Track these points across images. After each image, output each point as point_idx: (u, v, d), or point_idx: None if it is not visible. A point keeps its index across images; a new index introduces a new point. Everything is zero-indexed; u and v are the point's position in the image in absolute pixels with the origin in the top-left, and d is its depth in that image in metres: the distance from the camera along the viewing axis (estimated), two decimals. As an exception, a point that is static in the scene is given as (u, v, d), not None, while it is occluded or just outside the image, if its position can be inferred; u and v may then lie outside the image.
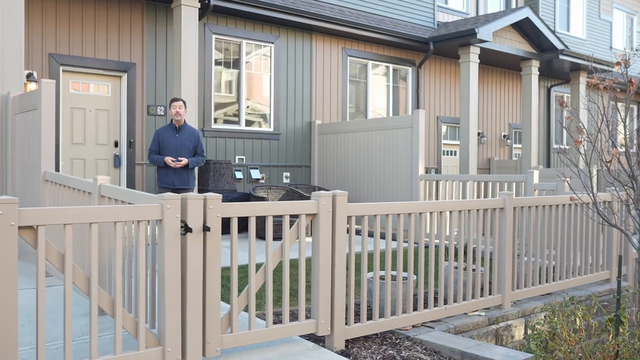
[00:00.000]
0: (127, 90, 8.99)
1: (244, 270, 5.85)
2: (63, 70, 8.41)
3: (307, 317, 4.10)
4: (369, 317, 4.46)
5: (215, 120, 10.22)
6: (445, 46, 12.65)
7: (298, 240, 3.91)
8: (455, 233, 4.93)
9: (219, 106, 10.32)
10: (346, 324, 4.15)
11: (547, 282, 5.76)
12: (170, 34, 9.37)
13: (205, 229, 3.40)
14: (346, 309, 4.23)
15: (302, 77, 11.29)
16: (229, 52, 10.44)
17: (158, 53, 9.34)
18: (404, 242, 7.44)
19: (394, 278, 4.60)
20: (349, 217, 4.12)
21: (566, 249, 5.94)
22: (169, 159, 6.85)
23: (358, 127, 10.63)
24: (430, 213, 4.66)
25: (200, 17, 9.42)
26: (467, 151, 12.29)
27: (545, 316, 4.98)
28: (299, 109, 11.27)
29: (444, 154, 14.14)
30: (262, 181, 10.68)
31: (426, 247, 5.07)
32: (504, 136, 15.70)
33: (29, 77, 8.01)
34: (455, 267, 5.09)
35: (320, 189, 10.50)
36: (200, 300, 3.39)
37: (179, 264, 3.31)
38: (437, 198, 9.38)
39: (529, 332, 5.14)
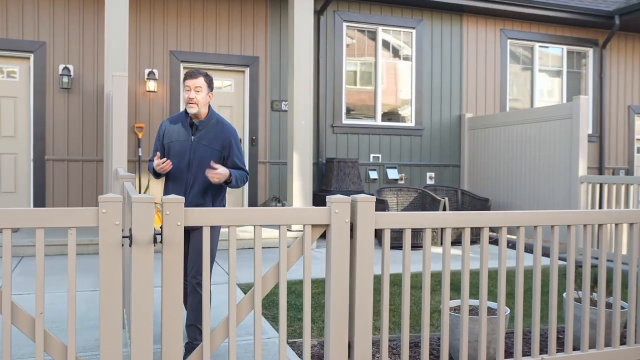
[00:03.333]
0: (250, 85, 8.64)
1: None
2: (184, 67, 8.33)
3: (317, 360, 3.14)
4: (417, 365, 3.35)
5: (347, 114, 9.45)
6: (636, 19, 10.37)
7: (303, 257, 2.99)
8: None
9: (351, 100, 9.54)
10: (375, 372, 3.12)
11: None
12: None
13: (155, 239, 2.67)
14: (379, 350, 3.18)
15: (449, 65, 10.00)
16: (362, 40, 9.60)
17: (282, 45, 8.86)
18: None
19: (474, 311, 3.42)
20: (379, 230, 3.08)
21: None
22: (165, 164, 3.63)
23: (509, 119, 9.06)
24: (518, 227, 3.38)
25: (327, 4, 8.74)
26: (664, 147, 9.93)
27: None
28: (446, 101, 10.00)
29: (637, 152, 11.68)
30: (401, 182, 9.65)
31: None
32: None
33: (150, 75, 8.05)
34: (576, 300, 3.68)
35: (464, 192, 9.16)
36: (149, 331, 2.66)
37: (119, 284, 2.63)
38: (626, 206, 7.48)
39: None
